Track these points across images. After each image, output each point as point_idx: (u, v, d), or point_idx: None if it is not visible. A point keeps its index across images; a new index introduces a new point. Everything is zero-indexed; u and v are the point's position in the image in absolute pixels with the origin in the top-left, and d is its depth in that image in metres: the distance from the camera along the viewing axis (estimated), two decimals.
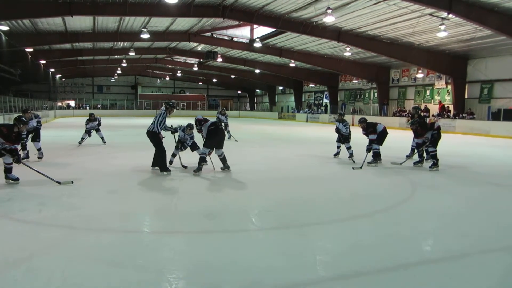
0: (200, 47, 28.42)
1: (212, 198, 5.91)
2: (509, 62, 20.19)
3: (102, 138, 12.61)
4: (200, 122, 8.11)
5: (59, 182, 6.33)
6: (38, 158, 9.03)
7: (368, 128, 8.96)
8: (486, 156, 11.32)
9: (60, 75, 41.47)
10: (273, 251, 3.75)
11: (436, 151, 8.52)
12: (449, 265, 3.48)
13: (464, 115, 21.82)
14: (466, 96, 23.09)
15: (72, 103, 47.15)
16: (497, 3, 13.88)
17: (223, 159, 7.76)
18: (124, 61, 34.25)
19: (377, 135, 8.89)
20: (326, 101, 36.95)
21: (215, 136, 7.65)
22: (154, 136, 7.47)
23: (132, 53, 27.88)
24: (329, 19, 15.33)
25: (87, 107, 45.04)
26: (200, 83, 51.92)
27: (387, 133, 9.02)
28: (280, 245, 3.93)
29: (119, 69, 40.31)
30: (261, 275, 3.17)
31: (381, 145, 8.94)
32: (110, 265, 3.34)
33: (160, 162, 7.53)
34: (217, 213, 4.99)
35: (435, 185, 7.16)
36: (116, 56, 32.86)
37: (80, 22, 20.45)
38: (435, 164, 8.42)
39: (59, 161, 8.97)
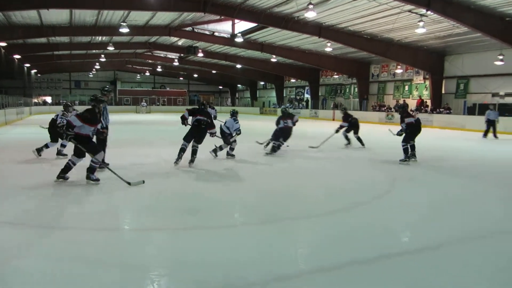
0: (181, 41, 28.12)
1: (194, 194, 5.87)
2: (484, 58, 20.71)
3: None
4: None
5: (129, 183, 5.97)
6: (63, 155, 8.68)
7: (347, 116, 11.28)
8: (462, 149, 11.62)
9: (35, 71, 40.34)
10: (256, 245, 3.77)
11: (406, 145, 8.61)
12: (428, 255, 3.57)
13: (441, 109, 22.33)
14: (443, 91, 23.64)
15: (48, 99, 45.94)
16: (473, 1, 14.20)
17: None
18: (103, 55, 33.55)
19: (348, 123, 11.19)
20: (307, 96, 37.19)
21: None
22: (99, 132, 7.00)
23: (111, 48, 27.35)
24: (310, 15, 15.37)
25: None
26: (181, 78, 51.38)
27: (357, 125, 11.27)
28: (263, 240, 3.95)
29: (97, 64, 39.45)
30: (243, 269, 3.18)
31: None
32: (92, 263, 3.28)
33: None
34: (199, 209, 4.97)
35: (413, 178, 7.31)
36: (94, 51, 32.15)
37: (56, 16, 19.88)
38: (405, 158, 8.55)
39: (40, 160, 8.75)
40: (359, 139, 11.22)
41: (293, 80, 39.35)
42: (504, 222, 4.70)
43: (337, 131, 11.20)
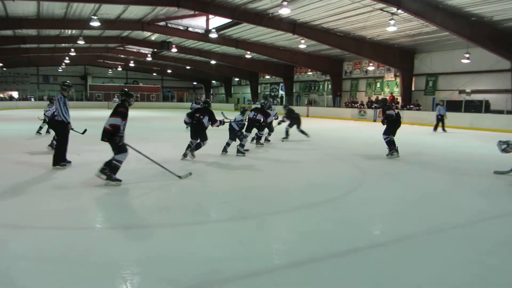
0: (154, 36, 27.62)
1: (165, 191, 5.82)
2: (451, 56, 21.41)
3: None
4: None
5: (180, 177, 6.25)
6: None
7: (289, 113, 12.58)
8: (431, 145, 11.98)
9: (1, 64, 38.72)
10: (230, 241, 3.78)
11: (388, 138, 8.91)
12: (397, 247, 3.69)
13: (411, 106, 22.95)
14: (413, 88, 24.31)
15: (15, 94, 44.20)
16: (441, 1, 14.64)
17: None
18: (73, 50, 32.55)
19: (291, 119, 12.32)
20: (281, 92, 37.37)
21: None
22: (59, 125, 6.93)
23: (81, 42, 26.51)
24: (284, 11, 15.45)
25: (32, 99, 42.43)
26: (155, 74, 50.55)
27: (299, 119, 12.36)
28: (237, 235, 3.97)
29: (67, 58, 38.21)
30: (218, 265, 3.19)
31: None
32: (61, 263, 3.22)
33: (58, 153, 6.98)
34: (172, 206, 4.93)
35: (384, 173, 7.50)
36: (64, 45, 31.16)
37: (23, 7, 19.11)
38: (391, 152, 8.87)
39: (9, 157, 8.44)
40: (302, 132, 12.52)
41: (267, 77, 39.45)
42: (473, 215, 4.88)
43: (279, 123, 12.44)
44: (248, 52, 28.33)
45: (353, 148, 10.48)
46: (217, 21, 22.42)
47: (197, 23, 23.55)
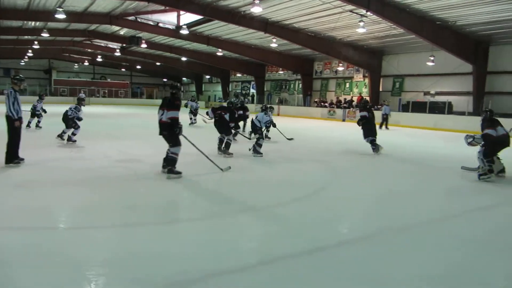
0: (123, 31, 26.95)
1: (133, 190, 5.69)
2: (417, 59, 22.12)
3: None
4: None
5: (222, 169, 6.58)
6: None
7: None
8: (397, 144, 12.29)
9: None
10: (199, 240, 3.74)
11: (368, 139, 9.57)
12: (364, 245, 3.76)
13: (378, 106, 23.51)
14: (380, 89, 24.95)
15: None
16: (408, 4, 15.09)
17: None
18: (36, 42, 31.20)
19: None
20: (253, 91, 37.41)
21: None
22: (9, 121, 6.60)
23: (45, 34, 25.43)
24: (256, 9, 15.46)
25: None
26: (123, 70, 49.36)
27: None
28: (202, 235, 3.93)
29: (30, 51, 36.66)
30: (187, 265, 3.14)
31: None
32: (22, 266, 3.07)
33: (11, 151, 6.68)
34: (139, 206, 4.82)
35: (353, 172, 7.65)
36: (27, 37, 29.84)
37: None
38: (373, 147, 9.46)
39: None
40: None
41: (239, 75, 39.38)
42: (439, 212, 5.04)
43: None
44: (220, 50, 28.17)
45: (327, 147, 10.61)
46: (188, 17, 22.13)
47: (168, 19, 23.16)
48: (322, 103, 27.58)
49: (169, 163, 6.13)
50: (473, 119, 14.96)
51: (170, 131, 6.00)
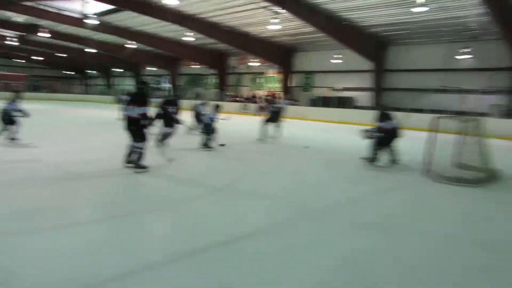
0: (21, 18, 24.27)
1: (28, 193, 5.04)
2: (326, 56, 23.55)
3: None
4: None
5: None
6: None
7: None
8: (307, 138, 12.84)
9: None
10: (108, 241, 3.66)
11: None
12: (268, 237, 3.93)
13: (290, 101, 24.66)
14: (292, 85, 26.14)
15: None
16: (317, 4, 16.01)
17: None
18: None
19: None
20: (168, 85, 36.43)
21: None
22: None
23: None
24: (171, 1, 15.10)
25: None
26: (24, 61, 44.40)
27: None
28: (114, 234, 3.85)
29: None
30: (98, 267, 3.07)
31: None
32: None
33: None
34: (31, 210, 4.34)
35: (264, 164, 7.92)
36: None
37: None
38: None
39: None
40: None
41: (154, 68, 38.03)
42: (343, 198, 5.48)
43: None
44: (130, 42, 26.88)
45: (242, 141, 10.79)
46: (96, 6, 20.71)
47: (73, 6, 21.43)
48: (236, 98, 27.97)
49: (137, 158, 6.24)
50: (375, 113, 16.40)
51: (138, 126, 6.08)
